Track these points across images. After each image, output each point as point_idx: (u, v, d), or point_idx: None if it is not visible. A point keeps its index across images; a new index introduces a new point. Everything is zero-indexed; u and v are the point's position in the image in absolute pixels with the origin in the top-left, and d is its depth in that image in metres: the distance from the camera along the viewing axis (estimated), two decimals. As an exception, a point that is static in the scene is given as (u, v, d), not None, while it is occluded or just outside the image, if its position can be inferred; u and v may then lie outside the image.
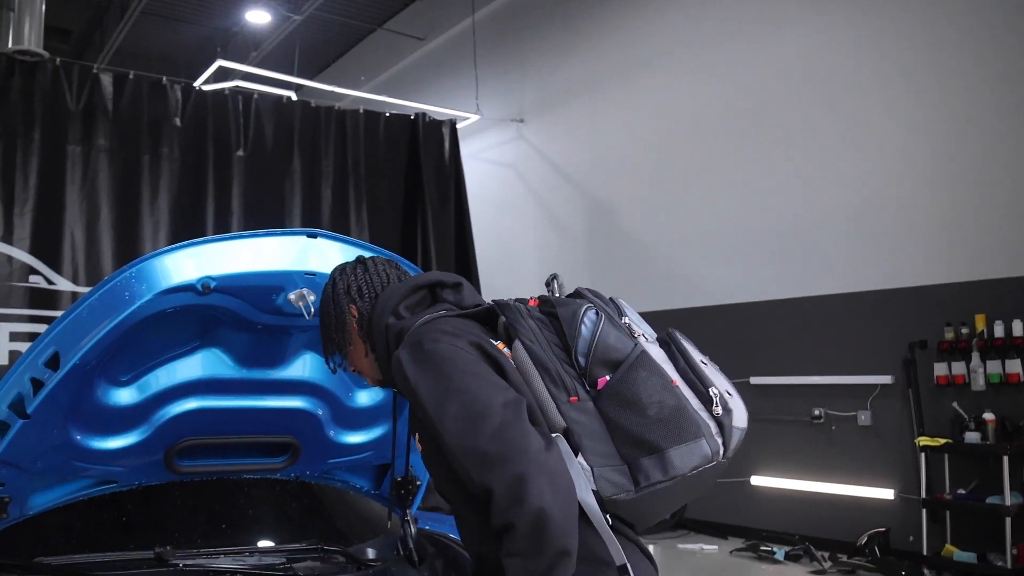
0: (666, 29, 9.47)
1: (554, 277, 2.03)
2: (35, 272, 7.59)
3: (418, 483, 3.07)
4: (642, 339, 1.85)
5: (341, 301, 2.06)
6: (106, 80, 7.96)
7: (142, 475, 2.75)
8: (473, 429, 1.66)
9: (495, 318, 1.93)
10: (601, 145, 10.07)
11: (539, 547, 1.57)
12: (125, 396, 2.47)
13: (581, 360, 1.79)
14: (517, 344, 1.82)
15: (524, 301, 1.95)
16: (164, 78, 8.25)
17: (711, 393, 1.80)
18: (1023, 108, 6.58)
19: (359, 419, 2.84)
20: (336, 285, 2.08)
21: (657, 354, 1.84)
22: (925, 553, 6.73)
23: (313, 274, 2.27)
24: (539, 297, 1.97)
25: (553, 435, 1.72)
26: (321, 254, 2.30)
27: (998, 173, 6.68)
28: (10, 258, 7.49)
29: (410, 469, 2.92)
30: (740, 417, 1.83)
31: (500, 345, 1.86)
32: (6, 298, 7.44)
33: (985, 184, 6.75)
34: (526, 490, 1.58)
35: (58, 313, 7.61)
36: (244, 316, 2.33)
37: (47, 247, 7.64)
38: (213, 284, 2.18)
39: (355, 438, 2.89)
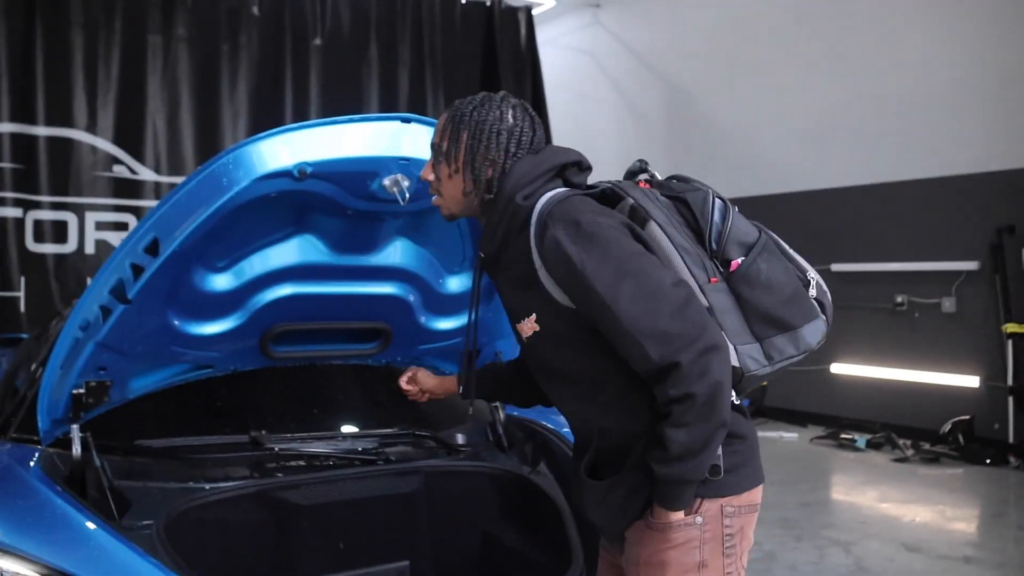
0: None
1: (644, 164, 2.01)
2: (118, 162, 7.71)
3: None
4: None
5: (495, 139, 1.91)
6: (183, -31, 7.97)
7: (238, 360, 2.83)
8: (653, 308, 1.71)
9: (614, 201, 1.93)
10: (678, 30, 9.80)
11: (708, 417, 1.69)
12: (222, 282, 2.52)
13: (714, 243, 1.87)
14: (652, 226, 1.85)
15: (633, 184, 1.97)
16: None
17: (809, 277, 1.94)
18: None
19: (450, 305, 2.86)
20: (503, 118, 1.93)
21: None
22: (1011, 441, 6.70)
23: (407, 160, 2.26)
24: (649, 180, 1.98)
25: None
26: (414, 140, 2.28)
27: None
28: (94, 148, 7.61)
29: (499, 355, 2.96)
30: (829, 300, 1.97)
31: None
32: (91, 187, 7.58)
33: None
34: (710, 364, 1.69)
35: (142, 202, 7.76)
36: (338, 202, 2.34)
37: (130, 137, 7.75)
38: (309, 169, 2.18)
39: (446, 324, 2.92)
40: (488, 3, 9.79)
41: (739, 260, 1.85)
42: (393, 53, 9.06)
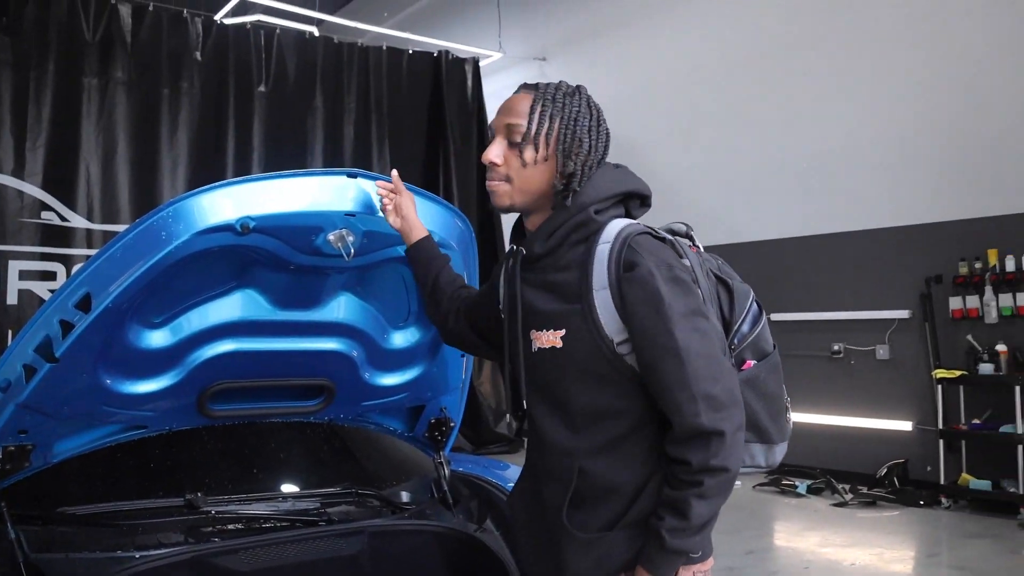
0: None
1: (689, 228, 1.96)
2: (48, 208, 7.47)
3: (452, 424, 3.05)
4: None
5: (584, 133, 1.85)
6: (124, 11, 7.88)
7: (173, 419, 2.68)
8: (713, 371, 1.71)
9: None
10: (623, 84, 9.96)
11: (726, 493, 1.71)
12: (158, 338, 2.41)
13: (736, 339, 1.88)
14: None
15: (686, 246, 1.91)
16: (185, 10, 8.19)
17: (787, 403, 2.01)
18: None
19: (394, 360, 2.80)
20: (591, 113, 1.88)
21: None
22: (942, 482, 6.85)
23: (353, 214, 2.23)
24: (696, 246, 1.95)
25: None
26: (360, 194, 2.25)
27: (1010, 113, 6.64)
28: (21, 193, 7.36)
29: (444, 411, 2.93)
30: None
31: None
32: (16, 235, 7.30)
33: (997, 124, 6.71)
34: (740, 442, 1.72)
35: (72, 251, 7.42)
36: (282, 257, 2.29)
37: (61, 182, 7.52)
38: (252, 224, 2.13)
39: (390, 380, 2.85)
40: (435, 54, 9.88)
41: (752, 363, 1.88)
42: (339, 102, 9.07)
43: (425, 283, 2.27)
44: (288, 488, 3.03)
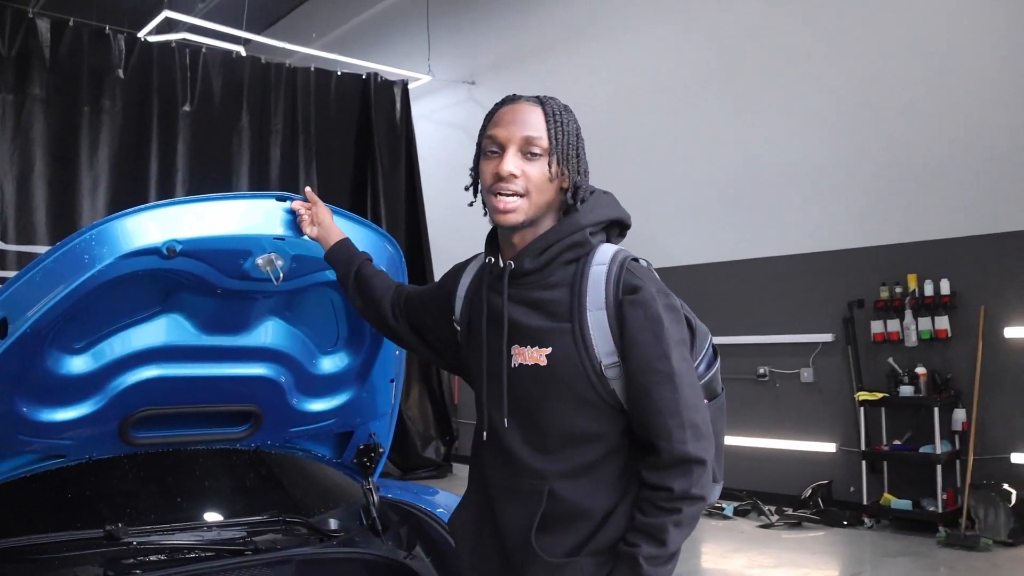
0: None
1: (650, 266, 1.93)
2: None
3: (381, 450, 3.00)
4: None
5: (581, 146, 1.90)
6: (43, 26, 7.67)
7: (93, 448, 2.58)
8: (697, 401, 1.74)
9: None
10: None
11: (695, 522, 1.73)
12: (78, 364, 2.32)
13: None
14: None
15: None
16: (107, 27, 8.01)
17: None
18: (948, 81, 6.72)
19: (323, 386, 2.76)
20: (567, 113, 1.91)
21: None
22: (865, 502, 6.98)
23: (282, 238, 2.19)
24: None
25: None
26: (290, 218, 2.22)
27: (931, 142, 6.85)
28: None
29: (373, 436, 2.89)
30: None
31: None
32: None
33: (919, 153, 6.91)
34: (711, 471, 1.74)
35: None
36: (209, 281, 2.23)
37: None
38: (179, 248, 2.08)
39: (318, 405, 2.80)
40: (364, 76, 9.82)
41: (704, 402, 1.85)
42: (266, 123, 8.95)
43: (347, 280, 2.23)
44: (213, 517, 2.93)
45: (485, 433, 1.90)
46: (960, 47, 6.69)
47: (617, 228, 1.94)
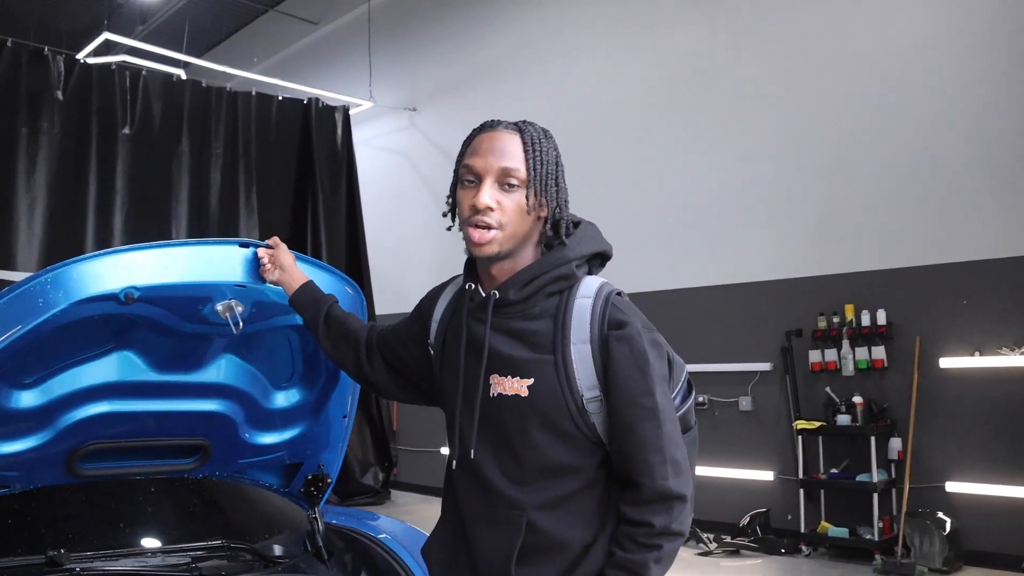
0: (558, 24, 9.54)
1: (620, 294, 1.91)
2: None
3: (328, 480, 3.00)
4: None
5: (560, 173, 1.86)
6: (-21, 47, 7.56)
7: (40, 479, 2.58)
8: (677, 435, 1.75)
9: None
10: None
11: (673, 559, 1.72)
12: (27, 399, 2.32)
13: None
14: None
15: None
16: (46, 48, 7.91)
17: None
18: (886, 116, 6.90)
19: (276, 420, 2.75)
20: (546, 139, 1.86)
21: None
22: (803, 530, 7.06)
23: (243, 286, 2.18)
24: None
25: None
26: (251, 265, 2.21)
27: (864, 177, 7.01)
28: None
29: (322, 467, 2.88)
30: None
31: None
32: None
33: (854, 186, 7.07)
34: (692, 506, 1.74)
35: None
36: (166, 324, 2.23)
37: None
38: (137, 294, 2.07)
39: (270, 439, 2.81)
40: (305, 101, 9.80)
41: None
42: (206, 147, 8.88)
43: (316, 325, 2.20)
44: (157, 543, 2.90)
45: (455, 461, 1.88)
46: (899, 82, 6.86)
47: (599, 259, 1.93)
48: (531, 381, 1.76)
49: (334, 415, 2.83)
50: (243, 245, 2.24)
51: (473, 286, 1.87)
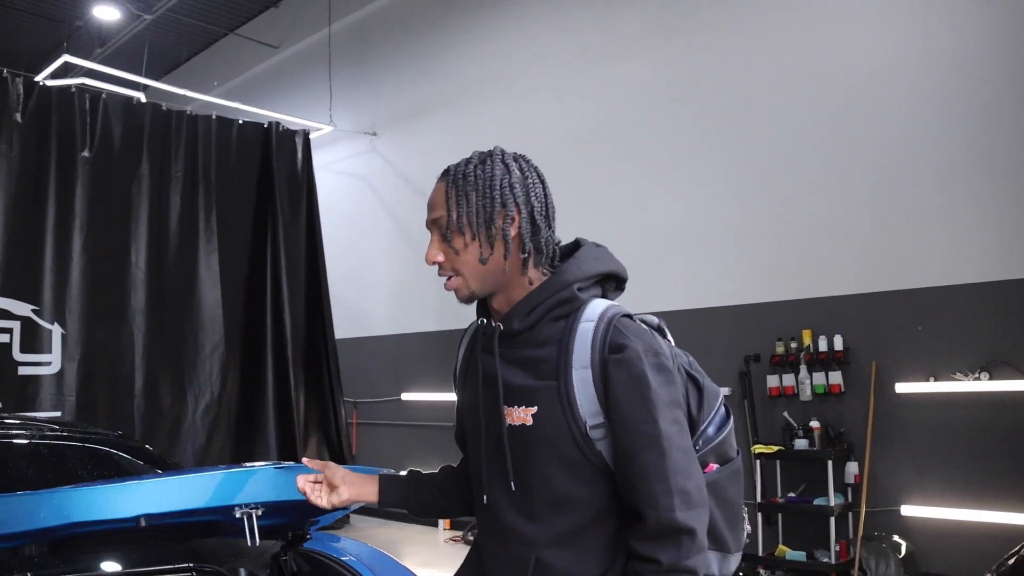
0: (519, 51, 9.65)
1: (662, 323, 1.92)
2: None
3: (309, 536, 3.03)
4: None
5: (509, 194, 1.78)
6: (-65, 68, 7.50)
7: None
8: (688, 466, 1.66)
9: None
10: (450, 160, 10.11)
11: None
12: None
13: (701, 442, 1.80)
14: None
15: (662, 334, 1.88)
16: (4, 70, 7.84)
17: (744, 514, 1.91)
18: (841, 145, 7.04)
19: (286, 511, 2.76)
20: (510, 171, 1.81)
21: None
22: (761, 554, 7.11)
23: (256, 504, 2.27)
24: (668, 340, 1.90)
25: None
26: (282, 483, 2.28)
27: (821, 204, 7.13)
28: None
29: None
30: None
31: None
32: None
33: (812, 212, 7.19)
34: (706, 544, 1.66)
35: None
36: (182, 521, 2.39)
37: None
38: (151, 521, 2.19)
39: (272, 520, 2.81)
40: (266, 124, 9.78)
41: (714, 466, 1.81)
42: (166, 170, 8.83)
43: (426, 508, 2.09)
44: (123, 565, 2.88)
45: (485, 497, 1.83)
46: (857, 112, 7.00)
47: (613, 282, 1.89)
48: (535, 409, 1.73)
49: None
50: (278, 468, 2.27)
51: (484, 321, 1.86)
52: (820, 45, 7.26)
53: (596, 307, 1.76)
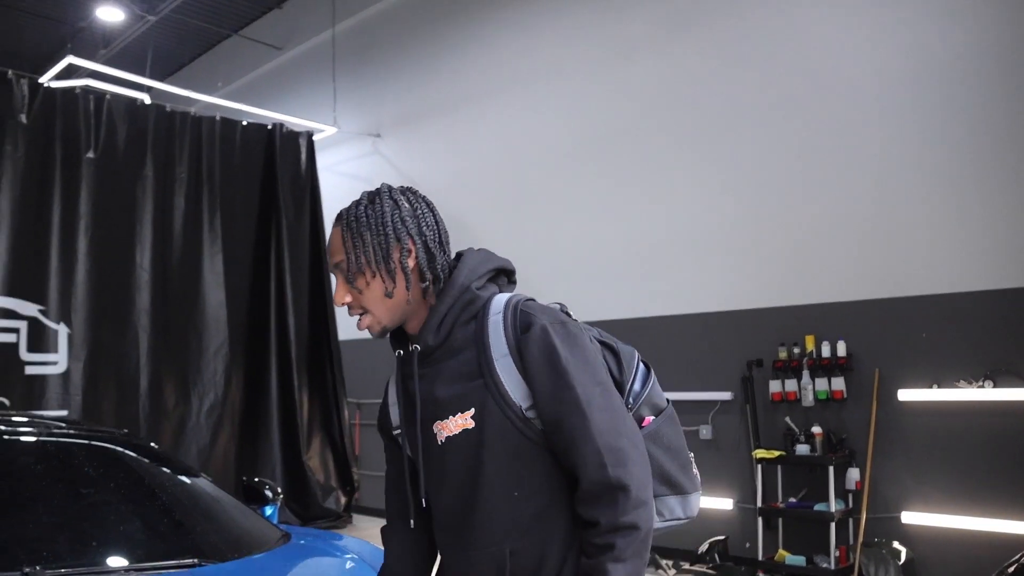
0: (523, 55, 9.66)
1: (565, 307, 1.95)
2: None
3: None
4: None
5: (401, 227, 1.82)
6: (-59, 69, 7.52)
7: None
8: (617, 424, 1.70)
9: None
10: (456, 165, 10.15)
11: (643, 553, 1.66)
12: None
13: (632, 399, 1.88)
14: None
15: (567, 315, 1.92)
16: (9, 71, 7.87)
17: (690, 455, 1.98)
18: (846, 149, 7.04)
19: None
20: (399, 205, 1.85)
21: None
22: (761, 558, 7.13)
23: None
24: (574, 319, 1.94)
25: None
26: None
27: (824, 211, 7.14)
28: None
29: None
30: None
31: None
32: None
33: (816, 217, 7.19)
34: (650, 499, 1.69)
35: None
36: None
37: None
38: None
39: None
40: (269, 126, 9.81)
41: (650, 418, 1.89)
42: (170, 171, 8.86)
43: None
44: (127, 561, 2.93)
45: (444, 515, 1.88)
46: (859, 116, 7.00)
47: (505, 277, 1.96)
48: (472, 411, 1.78)
49: None
50: None
51: (401, 351, 1.93)
52: (826, 51, 7.26)
53: (500, 300, 1.84)
